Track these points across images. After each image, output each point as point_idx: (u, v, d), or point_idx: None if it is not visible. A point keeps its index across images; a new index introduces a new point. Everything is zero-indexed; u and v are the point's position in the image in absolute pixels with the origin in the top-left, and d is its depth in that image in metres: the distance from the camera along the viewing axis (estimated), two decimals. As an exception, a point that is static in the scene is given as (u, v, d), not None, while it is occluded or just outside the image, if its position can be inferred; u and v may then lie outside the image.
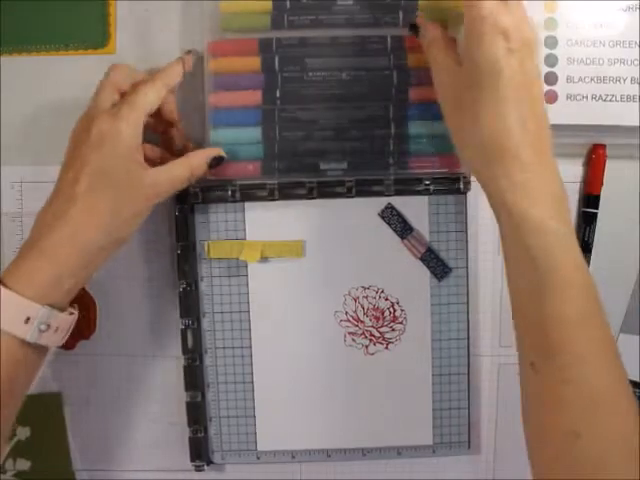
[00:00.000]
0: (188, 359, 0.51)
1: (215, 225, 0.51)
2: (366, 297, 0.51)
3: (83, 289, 0.50)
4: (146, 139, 0.44)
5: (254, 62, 0.49)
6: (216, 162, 0.46)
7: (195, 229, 0.51)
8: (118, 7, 0.50)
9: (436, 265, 0.50)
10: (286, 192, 0.49)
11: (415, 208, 0.50)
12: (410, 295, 0.51)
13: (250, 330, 0.51)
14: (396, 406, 0.52)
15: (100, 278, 0.51)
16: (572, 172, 0.51)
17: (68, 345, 0.50)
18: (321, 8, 0.48)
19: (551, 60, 0.48)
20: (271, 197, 0.49)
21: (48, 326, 0.39)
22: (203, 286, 0.51)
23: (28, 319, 0.38)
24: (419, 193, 0.50)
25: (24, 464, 0.53)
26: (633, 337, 0.52)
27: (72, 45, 0.51)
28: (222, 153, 0.47)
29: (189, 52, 0.48)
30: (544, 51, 0.48)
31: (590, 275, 0.38)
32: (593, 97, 0.48)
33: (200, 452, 0.52)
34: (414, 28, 0.46)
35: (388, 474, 0.53)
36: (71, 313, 0.42)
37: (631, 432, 0.35)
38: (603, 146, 0.50)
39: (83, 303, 0.50)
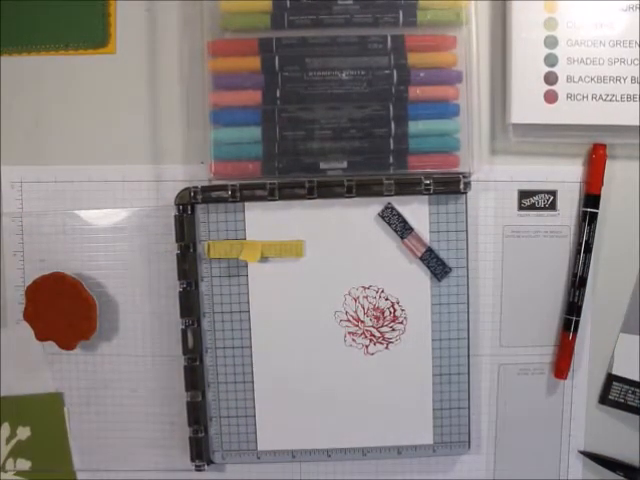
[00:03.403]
0: (188, 359, 0.51)
1: (215, 225, 0.51)
2: (366, 297, 0.51)
3: (83, 289, 0.50)
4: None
5: (254, 62, 0.49)
6: None
7: (195, 229, 0.51)
8: (118, 7, 0.50)
9: (436, 265, 0.50)
10: (286, 192, 0.49)
11: (415, 208, 0.50)
12: (410, 295, 0.51)
13: (250, 330, 0.51)
14: (396, 406, 0.52)
15: (100, 278, 0.51)
16: (572, 172, 0.51)
17: (68, 345, 0.50)
18: (321, 8, 0.48)
19: (551, 60, 0.48)
20: (271, 197, 0.49)
21: None
22: (203, 286, 0.51)
23: None
24: (419, 193, 0.49)
25: (24, 464, 0.53)
26: (633, 337, 0.52)
27: (72, 45, 0.51)
28: None
29: None
30: (544, 51, 0.48)
31: None
32: (593, 97, 0.48)
33: (200, 452, 0.52)
34: None
35: (388, 474, 0.53)
36: None
37: None
38: (603, 146, 0.50)
39: (83, 303, 0.50)
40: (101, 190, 0.51)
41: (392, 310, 0.51)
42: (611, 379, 0.52)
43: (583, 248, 0.50)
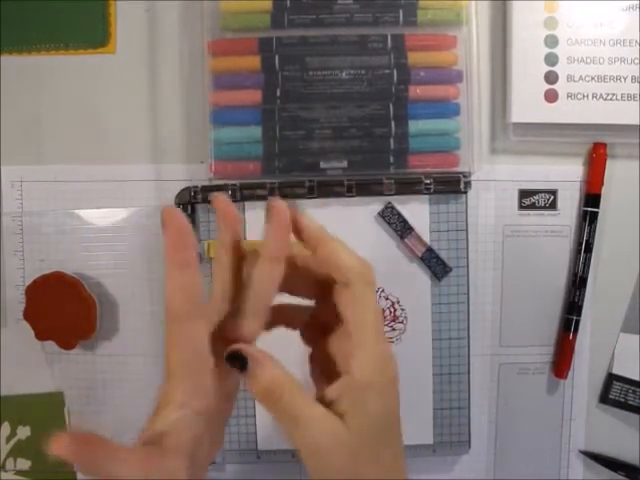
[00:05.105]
0: (188, 359, 0.51)
1: (215, 225, 0.51)
2: (366, 297, 0.51)
3: (83, 289, 0.49)
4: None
5: (254, 61, 0.49)
6: None
7: (195, 229, 0.51)
8: (118, 7, 0.51)
9: (436, 265, 0.50)
10: (286, 191, 0.49)
11: (415, 208, 0.50)
12: (410, 295, 0.51)
13: (250, 330, 0.51)
14: (396, 406, 0.52)
15: (100, 278, 0.51)
16: (573, 171, 0.51)
17: (68, 345, 0.50)
18: (321, 7, 0.48)
19: (551, 59, 0.48)
20: (271, 196, 0.49)
21: None
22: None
23: None
24: (419, 192, 0.49)
25: (24, 464, 0.53)
26: (633, 337, 0.52)
27: (72, 45, 0.51)
28: None
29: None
30: (544, 50, 0.48)
31: None
32: (594, 96, 0.48)
33: (200, 452, 0.52)
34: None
35: (388, 474, 0.53)
36: None
37: None
38: (604, 145, 0.50)
39: (83, 303, 0.50)
40: (101, 190, 0.51)
41: (392, 310, 0.51)
42: (611, 378, 0.52)
43: (583, 248, 0.50)
